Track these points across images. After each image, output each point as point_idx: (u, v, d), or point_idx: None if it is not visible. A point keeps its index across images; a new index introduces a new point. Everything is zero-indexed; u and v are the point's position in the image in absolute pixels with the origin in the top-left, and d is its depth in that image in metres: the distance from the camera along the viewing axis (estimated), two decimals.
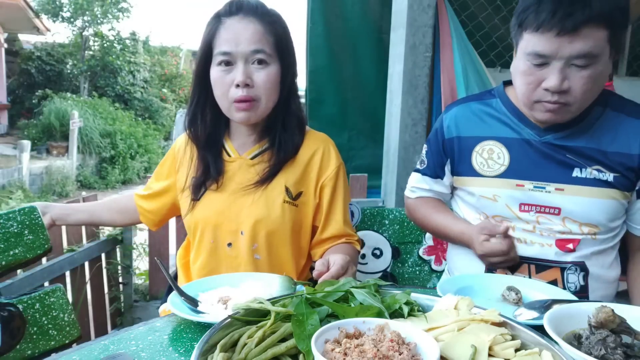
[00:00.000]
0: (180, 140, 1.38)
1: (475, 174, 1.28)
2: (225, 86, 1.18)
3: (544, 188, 1.19)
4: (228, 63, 1.17)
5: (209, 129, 1.28)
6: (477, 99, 1.33)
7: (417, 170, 1.43)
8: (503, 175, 1.23)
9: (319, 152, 1.30)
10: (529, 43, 1.08)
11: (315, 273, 0.97)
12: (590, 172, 1.16)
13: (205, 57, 1.21)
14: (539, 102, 1.12)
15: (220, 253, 1.27)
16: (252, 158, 1.28)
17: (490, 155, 1.25)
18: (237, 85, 1.16)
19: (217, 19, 1.20)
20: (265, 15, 1.20)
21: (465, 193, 1.32)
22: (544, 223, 1.20)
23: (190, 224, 1.30)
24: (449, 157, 1.34)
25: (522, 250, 1.22)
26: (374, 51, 2.70)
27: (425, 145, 1.42)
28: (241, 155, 1.29)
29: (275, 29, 1.20)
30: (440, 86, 2.32)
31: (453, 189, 1.40)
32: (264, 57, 1.17)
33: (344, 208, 1.31)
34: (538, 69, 1.08)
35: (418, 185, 1.43)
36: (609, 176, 1.15)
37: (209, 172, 1.27)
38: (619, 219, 1.20)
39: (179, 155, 1.36)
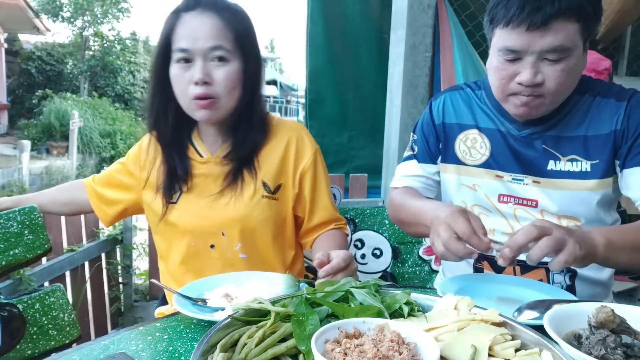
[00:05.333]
0: (145, 141, 1.35)
1: (457, 161, 1.27)
2: (184, 84, 1.15)
3: (522, 180, 1.19)
4: (187, 60, 1.14)
5: (172, 128, 1.25)
6: (468, 86, 1.32)
7: (409, 158, 1.37)
8: (484, 165, 1.23)
9: (292, 141, 1.28)
10: (500, 39, 1.07)
11: (316, 262, 0.96)
12: (564, 164, 1.15)
13: (163, 53, 1.17)
14: (513, 95, 1.10)
15: (203, 255, 1.25)
16: (224, 157, 1.26)
17: (473, 145, 1.25)
18: (196, 83, 1.13)
19: (176, 14, 1.17)
20: (225, 10, 1.16)
21: (446, 181, 1.31)
22: (523, 217, 1.19)
23: (165, 229, 1.27)
24: (441, 141, 1.31)
25: None
26: (374, 51, 2.70)
27: (413, 134, 1.39)
28: (213, 155, 1.27)
29: (235, 24, 1.17)
30: (440, 86, 2.32)
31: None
32: (223, 54, 1.14)
33: (327, 192, 1.30)
34: (511, 64, 1.07)
35: (411, 172, 1.36)
36: (586, 165, 1.13)
37: (176, 173, 1.24)
38: (602, 211, 1.16)
39: (142, 157, 1.33)
